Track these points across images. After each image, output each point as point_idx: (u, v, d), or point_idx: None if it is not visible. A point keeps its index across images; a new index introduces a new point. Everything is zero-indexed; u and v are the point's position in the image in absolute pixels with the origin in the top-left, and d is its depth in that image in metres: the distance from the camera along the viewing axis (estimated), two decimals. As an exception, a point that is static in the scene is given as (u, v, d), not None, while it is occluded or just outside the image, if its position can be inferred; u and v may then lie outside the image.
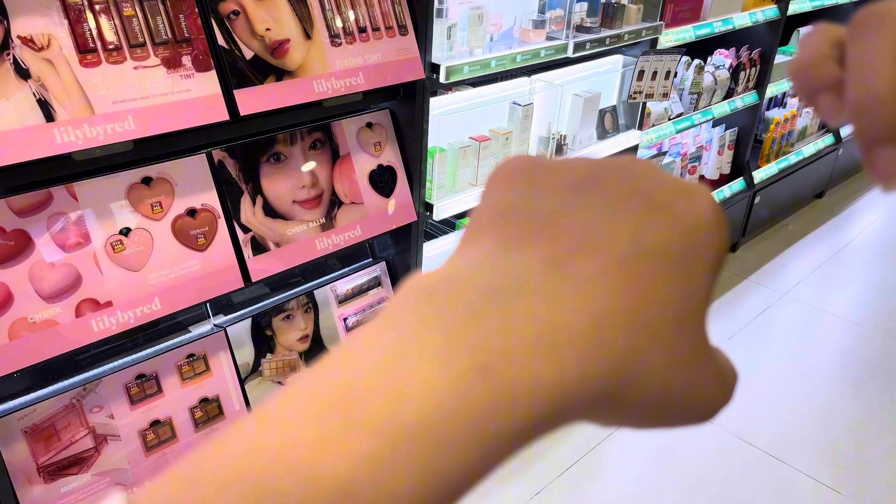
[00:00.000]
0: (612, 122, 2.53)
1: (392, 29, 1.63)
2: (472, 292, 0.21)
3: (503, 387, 0.19)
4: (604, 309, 0.21)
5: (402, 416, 0.18)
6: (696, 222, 0.23)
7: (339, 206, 1.70)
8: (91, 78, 1.21)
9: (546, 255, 0.22)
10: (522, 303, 0.20)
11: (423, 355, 0.19)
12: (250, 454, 0.18)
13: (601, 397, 0.21)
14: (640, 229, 0.22)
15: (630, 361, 0.21)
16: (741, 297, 3.18)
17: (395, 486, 0.18)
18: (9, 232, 1.25)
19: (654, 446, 2.32)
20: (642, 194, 0.23)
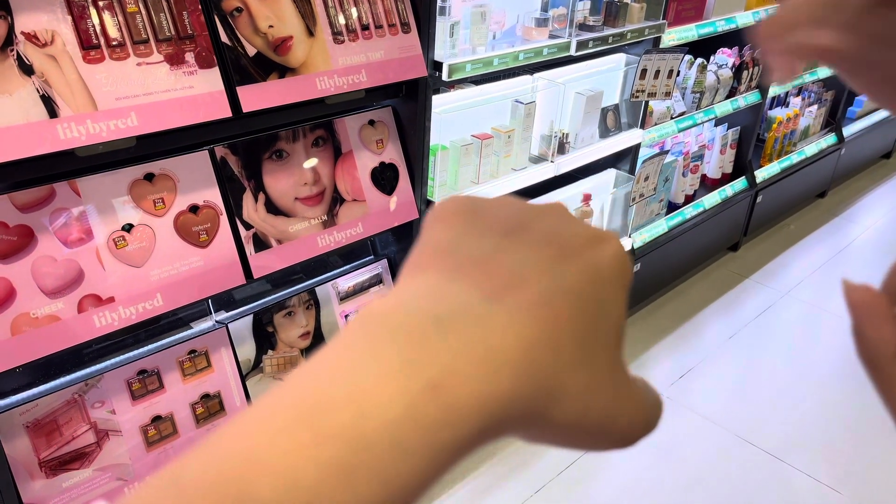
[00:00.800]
0: (615, 121, 2.53)
1: (395, 26, 1.63)
2: (421, 318, 0.24)
3: (451, 402, 0.22)
4: (532, 335, 0.24)
5: (365, 427, 0.21)
6: (604, 267, 0.27)
7: (340, 203, 1.70)
8: (94, 74, 1.21)
9: (483, 288, 0.25)
10: (465, 328, 0.23)
11: (380, 373, 0.22)
12: (228, 460, 0.20)
13: (531, 414, 0.24)
14: (557, 272, 0.26)
15: (555, 382, 0.24)
16: (742, 296, 3.18)
17: (361, 489, 0.20)
18: (12, 227, 1.25)
19: (655, 445, 2.33)
20: (559, 242, 0.27)
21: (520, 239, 0.27)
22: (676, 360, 2.75)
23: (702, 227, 3.13)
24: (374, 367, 0.22)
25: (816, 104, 3.84)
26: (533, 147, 2.28)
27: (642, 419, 0.27)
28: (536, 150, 2.31)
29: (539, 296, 0.25)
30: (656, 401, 0.28)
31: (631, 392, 0.27)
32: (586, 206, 2.48)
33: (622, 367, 0.27)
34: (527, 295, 0.25)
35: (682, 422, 2.43)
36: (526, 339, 0.24)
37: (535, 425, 0.24)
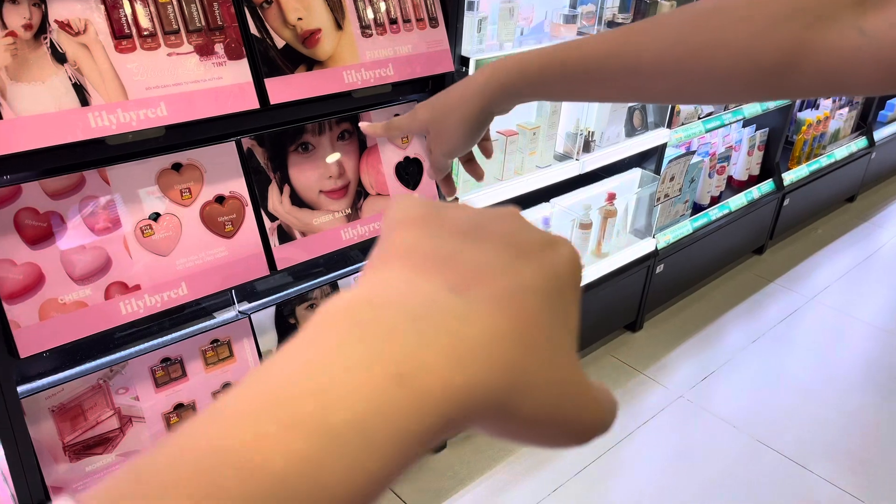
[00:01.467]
0: (641, 120, 2.51)
1: (423, 21, 1.63)
2: (386, 309, 0.24)
3: (418, 391, 0.22)
4: (498, 327, 0.25)
5: (331, 417, 0.21)
6: (560, 269, 0.28)
7: (365, 197, 1.70)
8: (125, 63, 1.22)
9: (447, 282, 0.26)
10: (431, 320, 0.24)
11: (347, 365, 0.22)
12: (193, 454, 0.20)
13: (498, 405, 0.24)
14: (518, 270, 0.27)
15: (519, 373, 0.25)
16: (767, 300, 3.15)
17: (328, 479, 0.20)
18: (42, 214, 1.27)
19: (674, 447, 2.31)
20: (517, 243, 0.28)
21: (478, 240, 0.28)
22: (698, 363, 2.72)
23: (727, 230, 3.10)
24: (339, 358, 0.22)
25: (847, 107, 3.78)
26: (558, 145, 2.27)
27: (600, 417, 0.28)
28: (562, 147, 2.29)
29: (503, 290, 0.26)
30: (613, 402, 0.29)
31: (590, 390, 0.28)
32: (610, 206, 2.47)
33: (579, 365, 0.28)
34: (491, 289, 0.26)
35: (703, 425, 2.41)
36: (492, 331, 0.24)
37: (501, 417, 0.25)
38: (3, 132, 1.10)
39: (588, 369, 2.61)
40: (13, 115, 1.11)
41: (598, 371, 2.62)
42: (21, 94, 1.12)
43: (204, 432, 0.21)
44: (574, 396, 0.27)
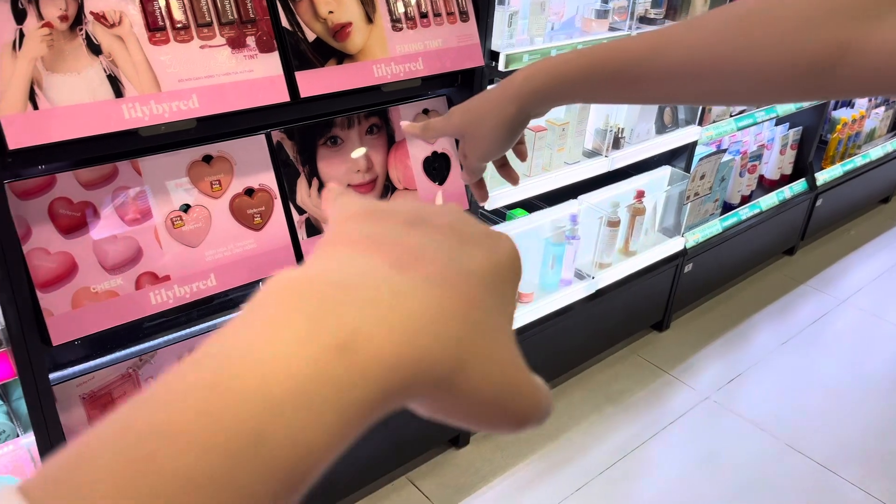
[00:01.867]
0: (672, 117, 2.48)
1: (453, 15, 1.62)
2: (329, 286, 0.24)
3: (359, 362, 0.22)
4: (440, 303, 0.25)
5: (272, 389, 0.21)
6: (501, 258, 0.29)
7: (392, 191, 1.70)
8: (159, 56, 1.23)
9: (390, 260, 0.26)
10: (374, 294, 0.24)
11: (286, 337, 0.22)
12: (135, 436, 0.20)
13: (438, 379, 0.24)
14: (460, 255, 0.28)
15: (462, 349, 0.25)
16: (797, 301, 3.09)
17: (272, 451, 0.20)
18: (76, 203, 1.28)
19: (700, 450, 2.28)
20: (459, 233, 0.29)
21: (422, 228, 0.29)
22: (726, 364, 2.68)
23: (757, 230, 3.05)
24: (281, 332, 0.22)
25: (883, 106, 3.70)
26: (587, 141, 2.25)
27: (537, 405, 0.28)
28: (590, 144, 2.27)
29: (446, 270, 0.26)
30: (549, 395, 0.29)
31: (529, 376, 0.28)
32: (639, 203, 2.44)
33: (519, 354, 0.28)
34: (434, 268, 0.26)
35: (730, 427, 2.38)
36: (435, 306, 0.25)
37: (442, 392, 0.25)
38: (38, 122, 1.11)
39: (613, 368, 2.59)
40: (49, 105, 1.13)
41: (623, 370, 2.60)
42: (57, 84, 1.13)
43: (146, 414, 0.21)
44: (513, 379, 0.27)
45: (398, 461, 2.06)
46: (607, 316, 2.51)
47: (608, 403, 2.43)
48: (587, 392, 2.48)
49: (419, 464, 2.13)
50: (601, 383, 2.53)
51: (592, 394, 2.47)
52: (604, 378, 2.55)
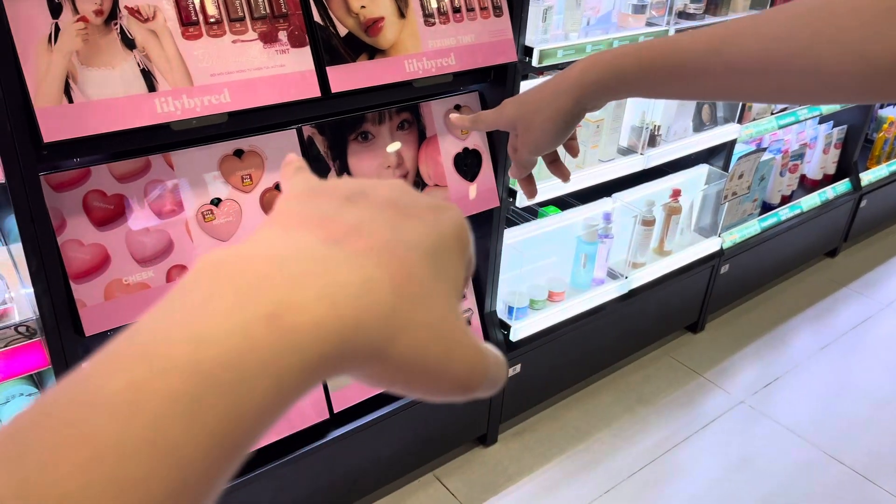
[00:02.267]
0: (710, 115, 2.43)
1: (486, 10, 1.60)
2: (259, 262, 0.25)
3: (290, 329, 0.23)
4: (372, 275, 0.26)
5: (203, 357, 0.21)
6: (444, 230, 0.29)
7: (422, 188, 1.69)
8: (192, 50, 1.24)
9: (324, 236, 0.27)
10: (304, 267, 0.25)
11: (216, 311, 0.23)
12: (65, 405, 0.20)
13: (371, 346, 0.25)
14: (398, 227, 0.28)
15: (395, 317, 0.25)
16: (838, 305, 3.01)
17: (205, 418, 0.21)
18: (109, 196, 1.30)
19: (733, 455, 2.23)
20: (399, 206, 0.29)
21: (361, 202, 0.29)
22: (762, 368, 2.62)
23: (798, 231, 2.97)
24: (211, 304, 0.23)
25: (934, 104, 3.57)
26: (622, 138, 2.21)
27: (482, 367, 0.28)
28: (626, 141, 2.24)
29: (378, 243, 0.27)
30: (499, 359, 0.30)
31: (471, 341, 0.28)
32: (675, 202, 2.40)
33: (462, 322, 0.29)
34: (367, 242, 0.27)
35: (764, 432, 2.32)
36: (364, 276, 0.25)
37: (376, 360, 0.25)
38: (73, 116, 1.13)
39: (645, 370, 2.55)
40: (84, 99, 1.14)
41: (655, 372, 2.56)
42: (91, 78, 1.15)
43: (78, 383, 0.21)
44: (451, 347, 0.27)
45: (425, 458, 2.06)
46: (640, 316, 2.47)
47: (639, 405, 2.40)
48: (618, 393, 2.44)
49: (446, 461, 2.12)
50: (632, 385, 2.49)
51: (623, 395, 2.44)
52: (635, 379, 2.51)
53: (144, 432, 0.20)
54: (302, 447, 1.70)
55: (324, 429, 1.75)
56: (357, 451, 1.82)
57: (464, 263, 0.30)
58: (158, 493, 0.20)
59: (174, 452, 0.20)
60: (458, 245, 0.30)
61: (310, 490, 1.78)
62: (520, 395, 2.19)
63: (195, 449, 0.20)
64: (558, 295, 2.18)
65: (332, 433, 1.75)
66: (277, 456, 1.67)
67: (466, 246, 0.31)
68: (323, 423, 1.74)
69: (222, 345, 0.22)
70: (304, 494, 1.77)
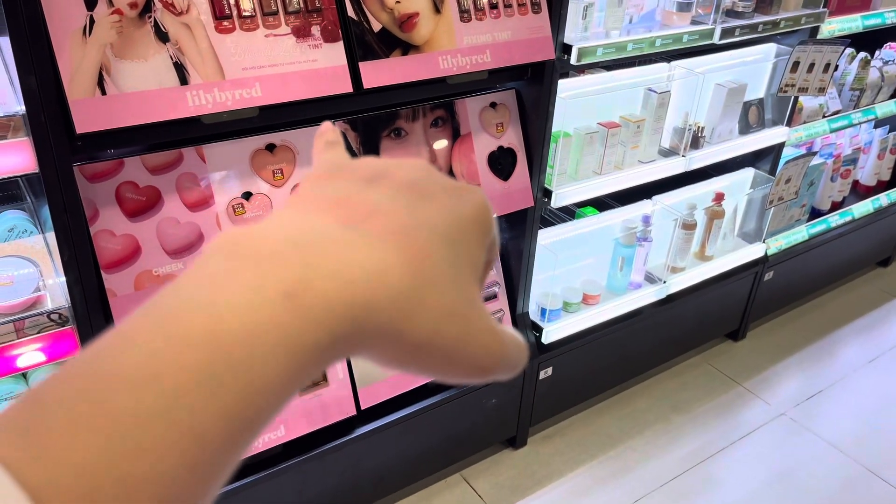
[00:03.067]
0: (758, 117, 2.35)
1: (524, 6, 1.57)
2: (276, 241, 0.25)
3: (306, 307, 0.23)
4: (388, 257, 0.26)
5: (222, 332, 0.22)
6: (465, 213, 0.29)
7: (455, 185, 1.67)
8: (224, 44, 1.24)
9: (341, 217, 0.27)
10: (321, 248, 0.25)
11: (235, 287, 0.23)
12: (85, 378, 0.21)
13: (386, 326, 0.25)
14: (415, 209, 0.28)
15: (410, 298, 0.25)
16: (890, 317, 2.89)
17: (223, 391, 0.21)
18: (141, 188, 1.31)
19: (772, 468, 2.16)
20: (420, 187, 0.29)
21: (380, 183, 0.29)
22: (806, 379, 2.53)
23: (848, 238, 2.86)
24: (229, 281, 0.23)
25: None
26: (664, 139, 2.15)
27: (498, 351, 0.28)
28: (667, 142, 2.18)
29: (395, 225, 0.27)
30: (519, 343, 0.30)
31: (489, 325, 0.28)
32: (717, 206, 2.33)
33: (480, 304, 0.28)
34: (383, 223, 0.27)
35: (805, 446, 2.24)
36: (379, 258, 0.25)
37: (390, 339, 0.25)
38: (106, 108, 1.14)
39: (682, 377, 2.48)
40: (116, 91, 1.15)
41: (692, 379, 2.49)
42: (124, 71, 1.16)
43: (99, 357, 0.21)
44: (467, 327, 0.27)
45: (452, 458, 2.04)
46: (678, 322, 2.41)
47: (674, 413, 2.34)
48: (653, 400, 2.39)
49: (474, 462, 2.10)
50: (668, 391, 2.43)
51: (658, 402, 2.38)
52: (672, 386, 2.45)
53: (161, 402, 0.20)
54: (328, 443, 1.70)
55: (350, 425, 1.74)
56: (383, 448, 1.82)
57: (484, 246, 0.30)
58: (173, 463, 0.20)
59: (190, 423, 0.20)
60: (479, 228, 0.29)
61: (335, 486, 1.78)
62: (551, 398, 2.16)
63: (210, 421, 0.21)
64: (593, 298, 2.14)
65: (359, 430, 1.75)
66: (304, 450, 1.67)
67: (489, 229, 0.30)
68: (350, 420, 1.73)
69: (240, 320, 0.22)
70: (329, 490, 1.77)
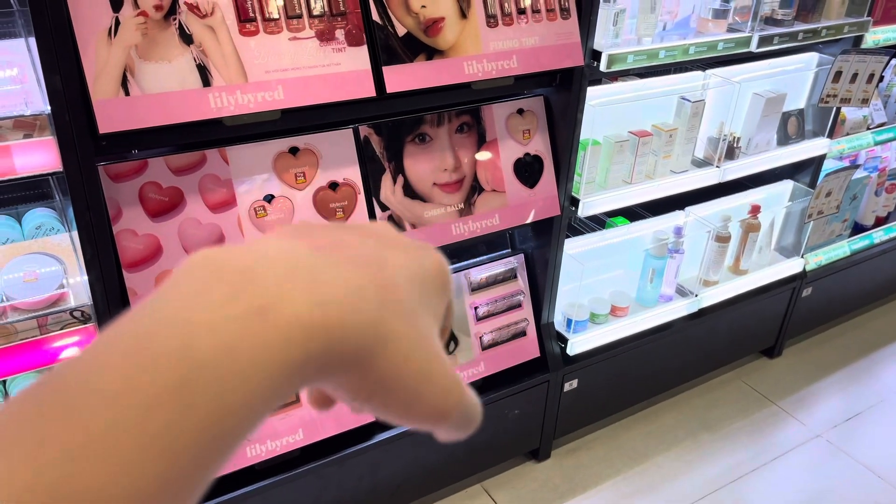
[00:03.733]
0: (797, 128, 2.28)
1: (553, 11, 1.55)
2: (250, 259, 0.25)
3: (280, 324, 0.23)
4: (358, 282, 0.26)
5: (195, 349, 0.22)
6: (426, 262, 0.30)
7: (479, 192, 1.66)
8: (248, 46, 1.25)
9: (313, 244, 0.27)
10: (293, 268, 0.25)
11: (209, 303, 0.23)
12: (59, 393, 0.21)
13: (356, 351, 0.25)
14: (384, 252, 0.29)
15: (379, 327, 0.26)
16: (935, 338, 2.78)
17: (197, 408, 0.21)
18: (165, 188, 1.33)
19: (806, 491, 2.08)
20: (385, 238, 0.30)
21: (352, 231, 0.30)
22: (844, 400, 2.44)
23: (892, 255, 2.76)
24: (202, 298, 0.23)
25: None
26: (697, 149, 2.10)
27: (458, 395, 0.29)
28: (701, 152, 2.13)
29: (364, 257, 0.28)
30: (474, 399, 0.30)
31: (450, 368, 0.29)
32: (753, 219, 2.26)
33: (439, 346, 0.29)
34: (354, 253, 0.27)
35: (841, 469, 2.16)
36: (352, 283, 0.26)
37: (356, 368, 0.25)
38: (129, 108, 1.15)
39: (713, 393, 2.42)
40: (140, 92, 1.16)
41: (724, 397, 2.42)
42: (148, 72, 1.17)
43: (72, 371, 0.21)
44: (430, 364, 0.28)
45: (474, 468, 2.01)
46: (710, 337, 2.34)
47: (704, 430, 2.27)
48: (682, 416, 2.33)
49: (495, 473, 2.07)
50: (698, 408, 2.37)
51: (687, 418, 2.32)
52: (702, 403, 2.39)
53: (132, 416, 0.20)
54: (347, 448, 1.70)
55: (369, 431, 1.73)
56: (402, 456, 1.80)
57: (444, 303, 0.31)
58: (149, 478, 0.20)
59: (165, 438, 0.20)
60: (440, 282, 0.30)
61: (353, 492, 1.77)
62: (576, 410, 2.12)
63: (186, 437, 0.21)
64: (622, 310, 2.09)
65: (378, 436, 1.74)
66: (322, 455, 1.66)
67: (447, 286, 0.31)
68: (369, 426, 1.72)
69: (213, 337, 0.22)
70: (346, 496, 1.76)
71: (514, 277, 1.88)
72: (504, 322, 1.88)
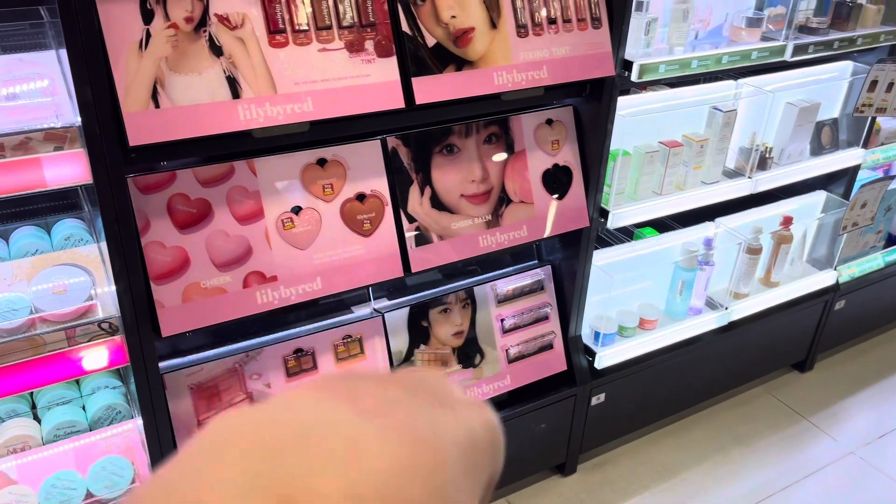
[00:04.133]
0: (831, 137, 2.23)
1: (584, 21, 1.53)
2: (279, 429, 0.23)
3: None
4: (398, 458, 0.23)
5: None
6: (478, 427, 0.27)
7: (507, 203, 1.63)
8: (277, 58, 1.24)
9: (356, 408, 0.24)
10: (330, 444, 0.22)
11: (235, 486, 0.21)
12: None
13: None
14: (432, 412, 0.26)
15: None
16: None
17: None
18: (193, 200, 1.32)
19: (838, 510, 2.03)
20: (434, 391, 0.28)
21: (395, 383, 0.27)
22: (877, 416, 2.38)
23: (928, 267, 2.69)
24: (227, 477, 0.21)
25: None
26: (729, 160, 2.07)
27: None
28: (733, 163, 2.09)
29: (412, 424, 0.25)
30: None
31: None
32: (785, 230, 2.22)
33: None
34: (400, 419, 0.25)
35: (876, 489, 2.10)
36: (391, 461, 0.23)
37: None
38: (159, 120, 1.15)
39: (743, 408, 2.37)
40: (170, 104, 1.16)
41: (754, 411, 2.37)
42: (178, 84, 1.16)
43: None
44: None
45: (499, 482, 1.98)
46: (740, 351, 2.30)
47: (734, 445, 2.23)
48: (711, 430, 2.28)
49: (521, 487, 2.04)
50: (728, 423, 2.32)
51: (717, 433, 2.27)
52: (732, 417, 2.34)
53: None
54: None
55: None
56: (427, 469, 1.78)
57: (487, 474, 0.28)
58: None
59: None
60: (489, 454, 0.28)
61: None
62: (603, 425, 2.08)
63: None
64: (650, 323, 2.06)
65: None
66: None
67: (496, 456, 0.29)
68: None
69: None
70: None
71: (541, 289, 1.85)
72: (531, 335, 1.85)
